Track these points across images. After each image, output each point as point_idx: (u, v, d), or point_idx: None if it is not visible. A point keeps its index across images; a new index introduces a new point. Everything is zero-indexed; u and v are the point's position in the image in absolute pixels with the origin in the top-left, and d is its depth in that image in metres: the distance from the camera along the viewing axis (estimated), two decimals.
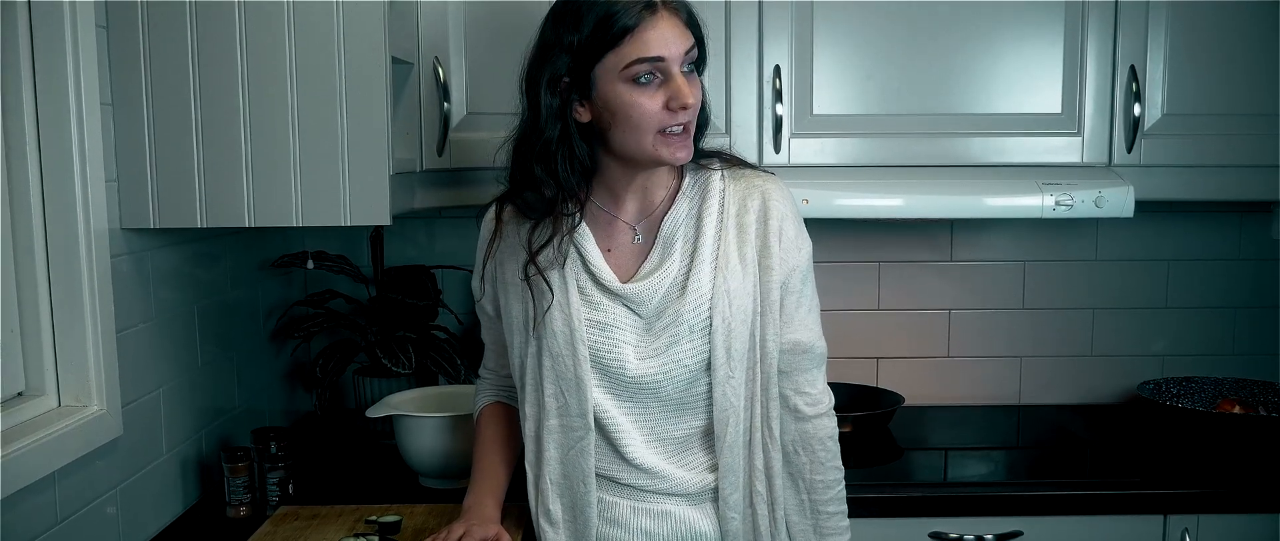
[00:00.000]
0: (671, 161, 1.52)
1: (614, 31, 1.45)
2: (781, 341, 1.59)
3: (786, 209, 1.60)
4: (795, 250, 1.60)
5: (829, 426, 1.64)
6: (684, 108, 1.48)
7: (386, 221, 1.71)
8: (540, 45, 1.52)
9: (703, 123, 1.62)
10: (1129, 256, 2.58)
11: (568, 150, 1.52)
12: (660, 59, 1.46)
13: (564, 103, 1.51)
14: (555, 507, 1.62)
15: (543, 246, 1.56)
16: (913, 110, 2.16)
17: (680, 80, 1.48)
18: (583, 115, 1.53)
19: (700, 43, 1.54)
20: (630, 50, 1.45)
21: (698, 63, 1.54)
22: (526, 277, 1.57)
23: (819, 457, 1.62)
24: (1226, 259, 2.58)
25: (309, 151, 1.69)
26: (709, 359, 1.56)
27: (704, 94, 1.60)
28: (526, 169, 1.55)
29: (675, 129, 1.50)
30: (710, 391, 1.57)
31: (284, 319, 2.40)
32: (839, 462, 1.65)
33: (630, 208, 1.62)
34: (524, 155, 1.55)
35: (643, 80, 1.47)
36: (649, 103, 1.47)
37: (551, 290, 1.57)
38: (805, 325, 1.62)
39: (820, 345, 1.64)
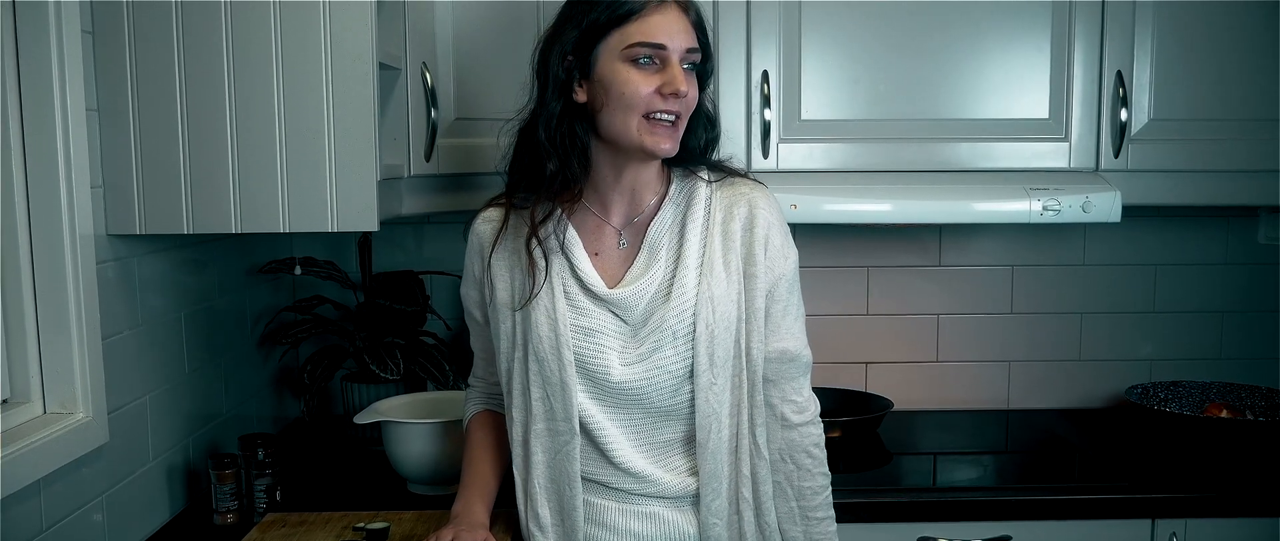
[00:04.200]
0: (654, 151, 1.53)
1: (622, 11, 1.51)
2: (768, 350, 1.60)
3: (773, 217, 1.61)
4: (782, 259, 1.61)
5: (815, 434, 1.65)
6: (675, 94, 1.50)
7: (374, 227, 1.71)
8: (555, 25, 1.57)
9: (713, 139, 1.65)
10: (1116, 261, 2.58)
11: (568, 126, 1.56)
12: (662, 46, 1.51)
13: (567, 79, 1.55)
14: (543, 512, 1.62)
15: (545, 219, 1.58)
16: (900, 115, 2.17)
17: (677, 69, 1.51)
18: (580, 95, 1.55)
19: (706, 52, 1.58)
20: (634, 31, 1.50)
21: (702, 69, 1.58)
22: (530, 251, 1.58)
23: (804, 465, 1.63)
24: (1213, 263, 2.58)
25: (296, 157, 1.69)
26: (692, 365, 1.56)
27: (714, 110, 1.65)
28: (531, 143, 1.59)
29: (663, 117, 1.52)
30: (693, 398, 1.57)
31: (271, 325, 2.39)
32: (826, 469, 1.66)
33: (618, 211, 1.63)
34: (530, 131, 1.59)
35: (641, 62, 1.51)
36: (642, 83, 1.50)
37: (547, 270, 1.58)
38: (792, 333, 1.63)
39: (806, 353, 1.65)
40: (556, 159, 1.56)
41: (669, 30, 1.51)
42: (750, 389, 1.59)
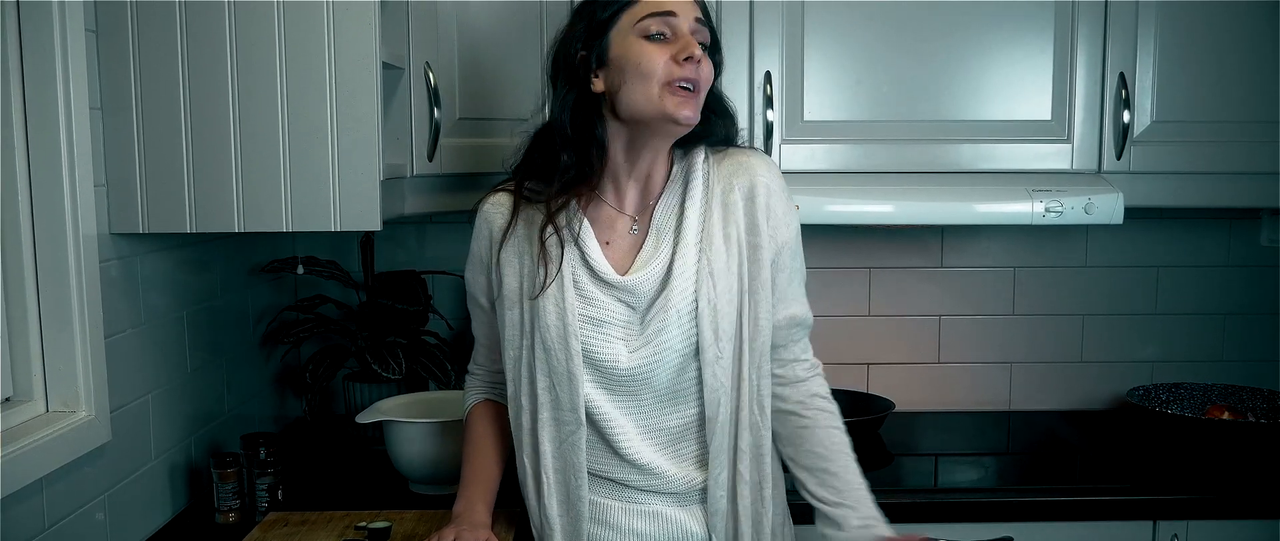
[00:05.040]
0: (676, 116, 1.52)
1: None
2: (777, 317, 1.60)
3: (774, 184, 1.61)
4: (784, 226, 1.61)
5: (825, 387, 1.67)
6: (691, 58, 1.51)
7: (376, 227, 1.71)
8: (566, 26, 1.60)
9: (732, 133, 1.65)
10: (1118, 263, 2.58)
11: (584, 118, 1.57)
12: (671, 14, 1.52)
13: (583, 72, 1.56)
14: (552, 503, 1.62)
15: (560, 209, 1.58)
16: (903, 116, 2.17)
17: (689, 36, 1.53)
18: (597, 85, 1.56)
19: (713, 38, 1.59)
20: (642, 6, 1.53)
21: (711, 51, 1.58)
22: (543, 242, 1.58)
23: (827, 409, 1.64)
24: (1215, 265, 2.58)
25: (299, 156, 1.69)
26: (697, 342, 1.56)
27: (731, 105, 1.66)
28: (546, 141, 1.60)
29: (684, 83, 1.52)
30: (700, 375, 1.57)
31: (274, 324, 2.39)
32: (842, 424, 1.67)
33: (631, 199, 1.62)
34: (545, 130, 1.61)
35: (654, 36, 1.52)
36: (658, 54, 1.52)
37: (561, 260, 1.58)
38: (797, 298, 1.64)
39: (810, 315, 1.66)
40: (571, 150, 1.57)
41: (676, 0, 1.53)
42: (753, 359, 1.59)
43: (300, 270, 2.34)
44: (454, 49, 2.05)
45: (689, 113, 1.53)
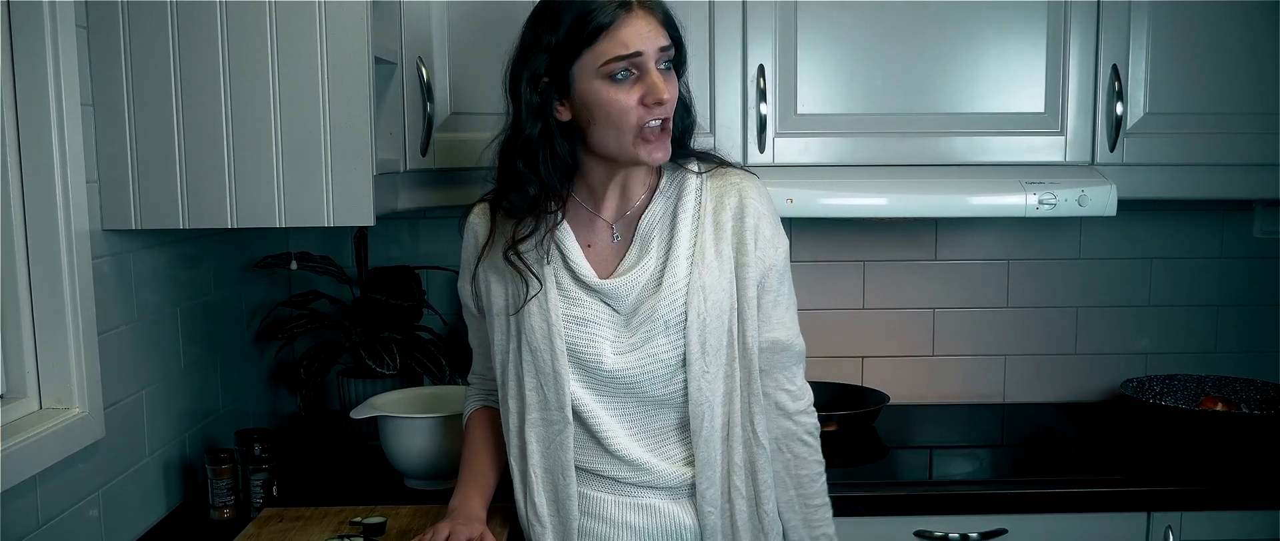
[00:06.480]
0: (649, 162, 1.53)
1: (590, 30, 1.48)
2: (761, 340, 1.61)
3: (763, 207, 1.61)
4: (772, 248, 1.61)
5: (809, 422, 1.66)
6: (659, 103, 1.50)
7: (370, 222, 1.70)
8: (521, 46, 1.55)
9: (688, 126, 1.64)
10: (1112, 255, 2.59)
11: (549, 148, 1.55)
12: (637, 55, 1.49)
13: (544, 101, 1.53)
14: (540, 501, 1.63)
15: (526, 237, 1.57)
16: (897, 109, 2.17)
17: (655, 76, 1.50)
18: (563, 114, 1.55)
19: (678, 43, 1.56)
20: (606, 48, 1.48)
21: (677, 63, 1.57)
22: (510, 262, 1.58)
23: (800, 453, 1.64)
24: (1209, 257, 2.59)
25: (291, 152, 1.69)
26: (685, 354, 1.56)
27: (688, 96, 1.63)
28: (511, 168, 1.58)
29: (653, 124, 1.51)
30: (686, 386, 1.58)
31: (268, 320, 2.39)
32: (820, 457, 1.67)
33: (610, 205, 1.63)
34: (508, 155, 1.58)
35: (619, 77, 1.49)
36: (626, 99, 1.49)
37: (540, 280, 1.58)
38: (783, 323, 1.63)
39: (798, 343, 1.66)
40: (537, 182, 1.55)
41: (640, 37, 1.48)
42: (745, 377, 1.60)
43: (294, 266, 2.34)
44: (446, 44, 2.05)
45: (660, 155, 1.54)
